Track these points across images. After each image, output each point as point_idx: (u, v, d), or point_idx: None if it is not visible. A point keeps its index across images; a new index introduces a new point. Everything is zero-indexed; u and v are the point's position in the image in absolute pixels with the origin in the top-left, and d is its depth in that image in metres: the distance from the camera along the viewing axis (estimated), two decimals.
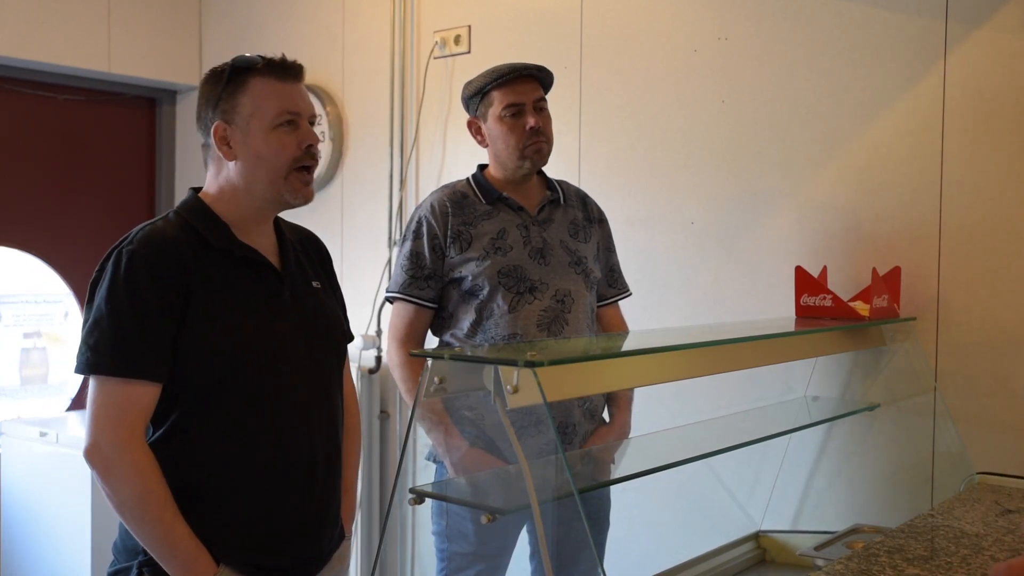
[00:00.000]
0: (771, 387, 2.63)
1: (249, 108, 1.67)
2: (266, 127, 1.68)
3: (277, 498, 1.67)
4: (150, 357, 1.57)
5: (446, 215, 2.27)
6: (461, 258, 2.25)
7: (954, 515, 1.96)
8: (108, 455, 1.55)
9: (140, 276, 1.57)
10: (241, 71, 1.68)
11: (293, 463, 1.69)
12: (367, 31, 3.60)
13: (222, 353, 1.62)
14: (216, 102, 1.69)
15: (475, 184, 2.34)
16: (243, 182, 1.69)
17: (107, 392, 1.56)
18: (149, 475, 1.56)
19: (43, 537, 3.52)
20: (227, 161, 1.69)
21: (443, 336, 2.33)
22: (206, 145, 1.73)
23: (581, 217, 2.41)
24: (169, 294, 1.58)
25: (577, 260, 2.33)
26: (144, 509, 1.55)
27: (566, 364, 1.60)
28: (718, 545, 2.28)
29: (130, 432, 1.55)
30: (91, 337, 1.57)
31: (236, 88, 1.68)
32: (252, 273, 1.69)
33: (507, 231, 2.28)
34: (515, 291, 2.24)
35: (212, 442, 1.63)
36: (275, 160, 1.68)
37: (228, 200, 1.71)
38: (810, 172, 2.62)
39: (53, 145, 3.96)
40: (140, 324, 1.56)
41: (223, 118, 1.68)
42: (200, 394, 1.61)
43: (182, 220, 1.68)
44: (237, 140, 1.68)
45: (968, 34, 2.35)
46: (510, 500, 1.73)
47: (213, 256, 1.65)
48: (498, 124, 2.28)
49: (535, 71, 2.30)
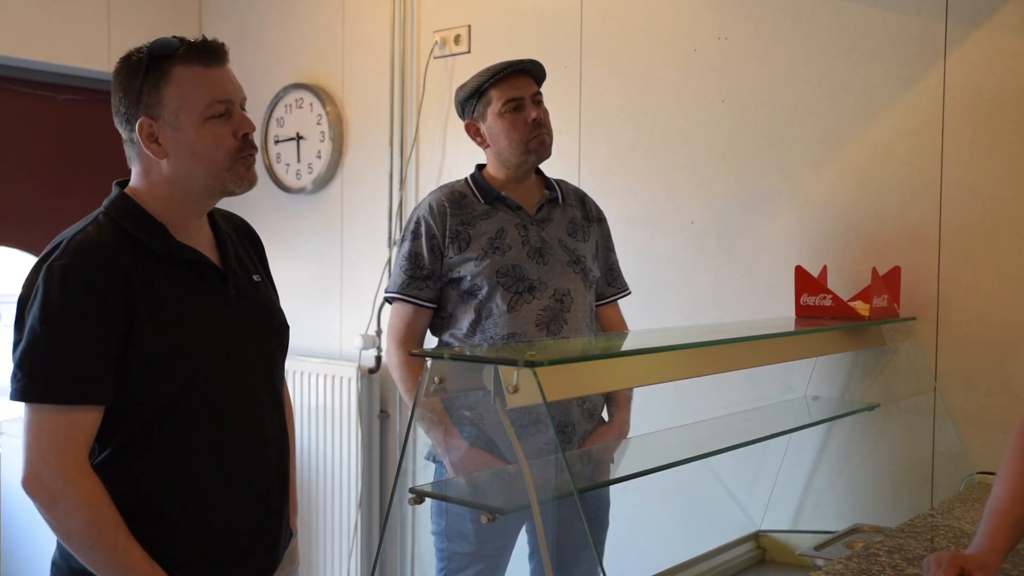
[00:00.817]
0: (771, 387, 2.63)
1: (176, 101, 1.53)
2: (197, 120, 1.54)
3: (232, 509, 1.60)
4: (93, 379, 1.45)
5: (444, 215, 2.27)
6: (460, 258, 2.25)
7: (954, 515, 1.96)
8: (51, 486, 1.45)
9: (77, 291, 1.45)
10: (160, 59, 1.53)
11: (247, 471, 1.62)
12: (367, 31, 3.60)
13: (171, 365, 1.51)
14: (137, 96, 1.54)
15: (473, 184, 2.34)
16: (179, 179, 1.57)
17: (46, 420, 1.44)
18: (97, 503, 1.45)
19: (43, 537, 3.51)
20: (158, 159, 1.56)
21: (442, 336, 2.33)
22: (129, 141, 1.60)
23: (580, 216, 2.41)
24: (110, 308, 1.46)
25: (576, 259, 2.33)
26: (95, 538, 1.46)
27: (566, 364, 1.60)
28: (718, 545, 2.28)
29: (75, 459, 1.45)
30: (26, 361, 1.44)
31: (158, 79, 1.53)
32: (194, 275, 1.59)
33: (506, 231, 2.28)
34: (514, 291, 2.24)
35: (163, 459, 1.53)
36: (213, 155, 1.55)
37: (162, 198, 1.58)
38: (810, 172, 2.62)
39: (53, 145, 3.96)
40: (81, 344, 1.44)
41: (147, 113, 1.54)
42: (149, 410, 1.52)
43: (114, 223, 1.55)
44: (167, 136, 1.54)
45: (968, 34, 2.35)
46: (510, 500, 1.73)
47: (152, 261, 1.53)
48: (499, 121, 2.28)
49: (528, 65, 2.30)
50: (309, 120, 3.73)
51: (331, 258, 3.74)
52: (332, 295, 3.73)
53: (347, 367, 3.50)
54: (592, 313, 2.39)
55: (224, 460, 1.59)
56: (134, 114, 1.56)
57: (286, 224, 3.88)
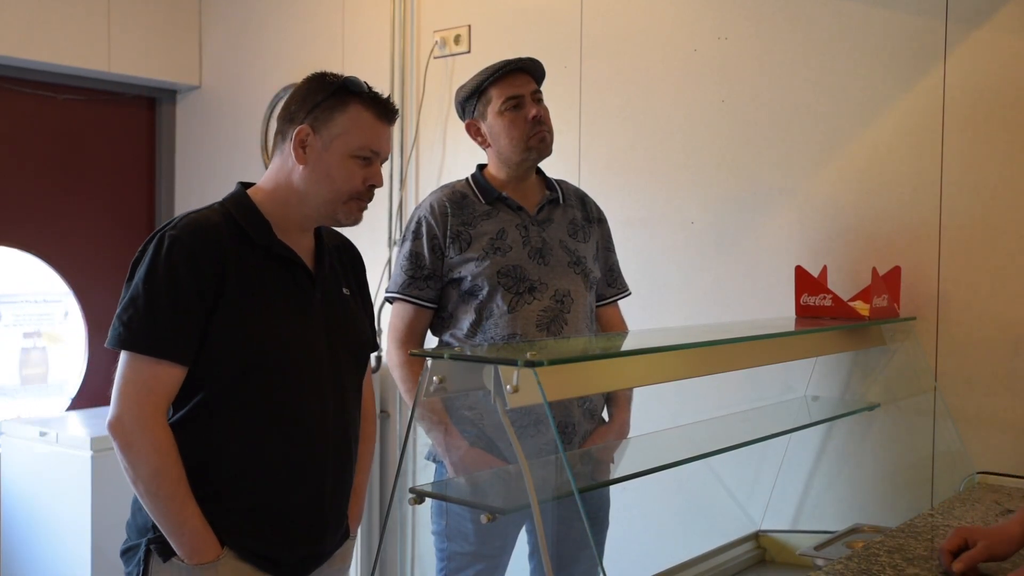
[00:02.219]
0: (771, 387, 2.63)
1: (340, 128, 1.72)
2: (346, 153, 1.72)
3: (284, 493, 1.70)
4: (180, 340, 1.61)
5: (445, 215, 2.27)
6: (460, 258, 2.25)
7: (954, 515, 1.96)
8: (130, 430, 1.60)
9: (179, 260, 1.62)
10: (348, 91, 1.73)
11: (302, 462, 1.72)
12: (367, 31, 3.60)
13: (245, 345, 1.65)
14: (312, 106, 1.72)
15: (474, 184, 2.34)
16: (303, 189, 1.74)
17: (136, 369, 1.61)
18: (166, 453, 1.60)
19: (43, 537, 3.52)
20: (296, 163, 1.73)
21: (443, 336, 2.33)
22: (281, 136, 1.76)
23: (580, 217, 2.41)
24: (204, 281, 1.62)
25: (576, 260, 2.33)
26: (158, 486, 1.60)
27: (566, 364, 1.60)
28: (718, 545, 2.28)
29: (153, 410, 1.60)
30: (126, 313, 1.61)
31: (337, 103, 1.72)
32: (286, 271, 1.74)
33: (506, 231, 2.28)
34: (514, 291, 2.24)
35: (226, 429, 1.67)
36: (340, 185, 1.73)
37: (280, 199, 1.75)
38: (810, 172, 2.62)
39: (53, 145, 3.97)
40: (174, 307, 1.61)
41: (311, 124, 1.72)
42: (220, 381, 1.66)
43: (226, 212, 1.72)
44: (314, 150, 1.72)
45: (968, 34, 2.35)
46: (510, 500, 1.73)
47: (251, 250, 1.70)
48: (499, 119, 2.28)
49: (527, 63, 2.30)
50: None
51: None
52: None
53: None
54: (592, 314, 2.39)
55: (278, 445, 1.69)
56: (300, 118, 1.74)
57: None
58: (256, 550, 1.68)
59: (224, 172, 4.03)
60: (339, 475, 1.79)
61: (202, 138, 4.21)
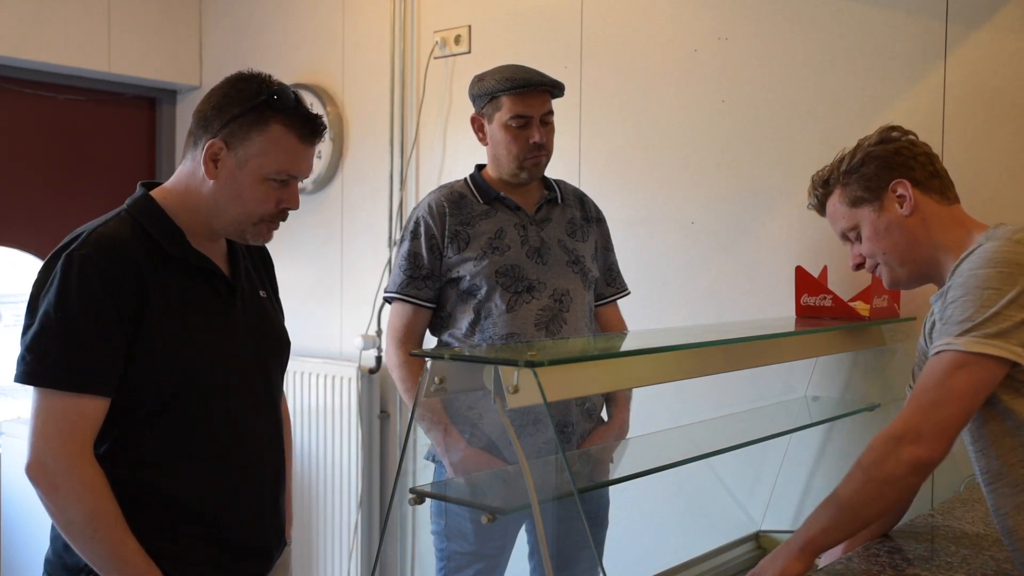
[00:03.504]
0: (771, 387, 2.63)
1: (256, 149, 1.59)
2: (260, 175, 1.60)
3: (226, 513, 1.62)
4: (103, 370, 1.48)
5: (443, 215, 2.27)
6: (459, 258, 2.25)
7: (954, 515, 1.96)
8: (54, 472, 1.47)
9: (94, 282, 1.48)
10: (269, 107, 1.60)
11: (242, 477, 1.64)
12: (367, 31, 3.60)
13: (174, 366, 1.54)
14: (228, 119, 1.59)
15: (473, 184, 2.35)
16: (212, 203, 1.61)
17: (55, 406, 1.47)
18: (99, 492, 1.47)
19: (43, 537, 3.51)
20: (207, 178, 1.60)
21: (441, 336, 2.33)
22: (193, 140, 1.63)
23: (579, 216, 2.41)
24: (124, 302, 1.49)
25: (575, 259, 2.33)
26: (95, 528, 1.47)
27: (566, 364, 1.60)
28: (718, 545, 2.28)
29: (79, 448, 1.47)
30: (37, 346, 1.47)
31: (255, 120, 1.58)
32: (204, 282, 1.63)
33: (505, 231, 2.28)
34: (513, 291, 2.24)
35: (160, 455, 1.56)
36: (251, 208, 1.61)
37: (189, 208, 1.63)
38: (810, 172, 2.60)
39: (53, 145, 3.96)
40: (93, 334, 1.47)
41: (225, 138, 1.58)
42: (148, 406, 1.54)
43: (135, 222, 1.58)
44: (226, 166, 1.59)
45: (968, 34, 2.35)
46: (510, 500, 1.73)
47: (166, 263, 1.57)
48: (502, 131, 2.27)
49: (550, 87, 2.29)
50: None
51: (331, 258, 3.74)
52: (332, 295, 3.73)
53: (347, 367, 3.50)
54: (591, 313, 2.39)
55: (217, 465, 1.61)
56: (214, 128, 1.59)
57: (286, 224, 3.85)
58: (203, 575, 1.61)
59: None
60: (275, 483, 1.73)
61: None
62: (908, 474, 1.49)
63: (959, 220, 1.68)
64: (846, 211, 1.73)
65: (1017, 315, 1.43)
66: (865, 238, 1.71)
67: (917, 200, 1.66)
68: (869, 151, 1.72)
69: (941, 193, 1.69)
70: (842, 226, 1.75)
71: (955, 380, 1.45)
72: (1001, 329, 1.42)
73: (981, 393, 1.47)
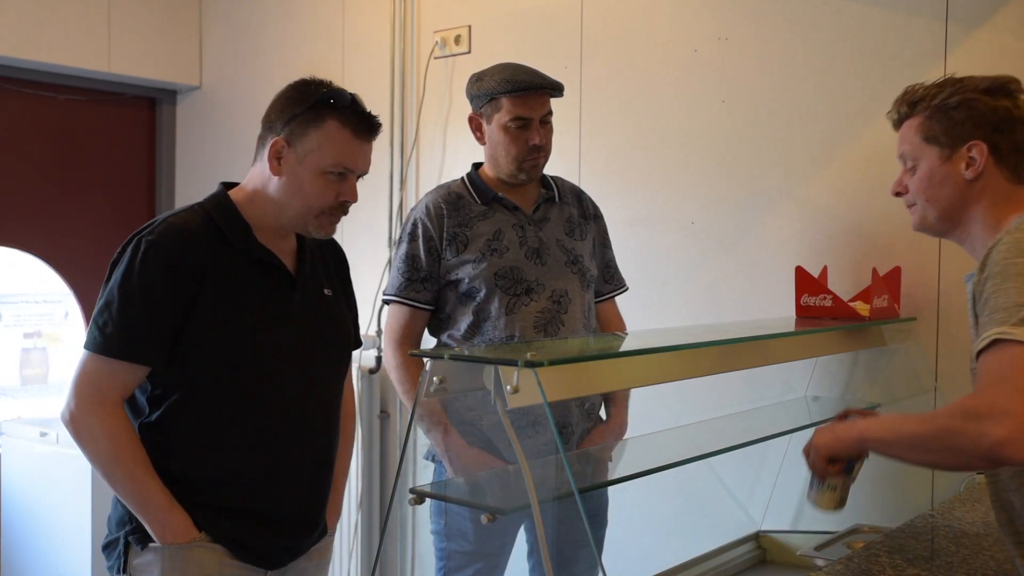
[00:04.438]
0: (771, 387, 2.63)
1: (314, 144, 1.71)
2: (318, 169, 1.72)
3: (260, 493, 1.73)
4: (148, 343, 1.64)
5: (441, 217, 2.27)
6: (458, 260, 2.24)
7: (954, 515, 1.96)
8: (78, 419, 1.64)
9: (154, 267, 1.63)
10: (325, 106, 1.72)
11: (281, 462, 1.75)
12: (367, 31, 3.60)
13: (221, 349, 1.68)
14: (290, 117, 1.72)
15: (470, 184, 2.34)
16: (277, 199, 1.74)
17: (94, 366, 1.65)
18: (118, 436, 1.64)
19: (43, 537, 3.52)
20: (271, 174, 1.73)
21: (441, 337, 2.33)
22: (261, 142, 1.76)
23: (577, 214, 2.40)
24: (181, 287, 1.64)
25: (574, 259, 2.32)
26: (114, 467, 1.64)
27: (566, 364, 1.60)
28: (718, 545, 2.28)
29: (103, 398, 1.64)
30: (101, 317, 1.65)
31: (312, 118, 1.71)
32: (265, 275, 1.74)
33: (503, 231, 2.27)
34: (512, 292, 2.23)
35: (201, 431, 1.70)
36: (311, 201, 1.73)
37: (259, 205, 1.76)
38: (810, 172, 2.62)
39: (53, 145, 3.96)
40: (145, 313, 1.63)
41: (287, 136, 1.72)
42: (195, 384, 1.68)
43: (206, 214, 1.73)
44: (288, 162, 1.72)
45: (968, 34, 2.35)
46: (510, 500, 1.73)
47: (230, 254, 1.70)
48: (501, 132, 2.26)
49: (549, 88, 2.28)
50: None
51: None
52: None
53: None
54: (590, 312, 2.39)
55: (254, 446, 1.72)
56: (277, 128, 1.73)
57: None
58: (235, 538, 1.71)
59: (224, 172, 4.01)
60: (319, 476, 1.82)
61: (202, 138, 4.21)
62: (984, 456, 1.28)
63: (1016, 201, 1.55)
64: (915, 141, 1.63)
65: None
66: (918, 176, 1.63)
67: (986, 169, 1.55)
68: (969, 98, 1.61)
69: (1014, 170, 1.56)
70: (904, 150, 1.66)
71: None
72: None
73: None
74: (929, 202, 1.62)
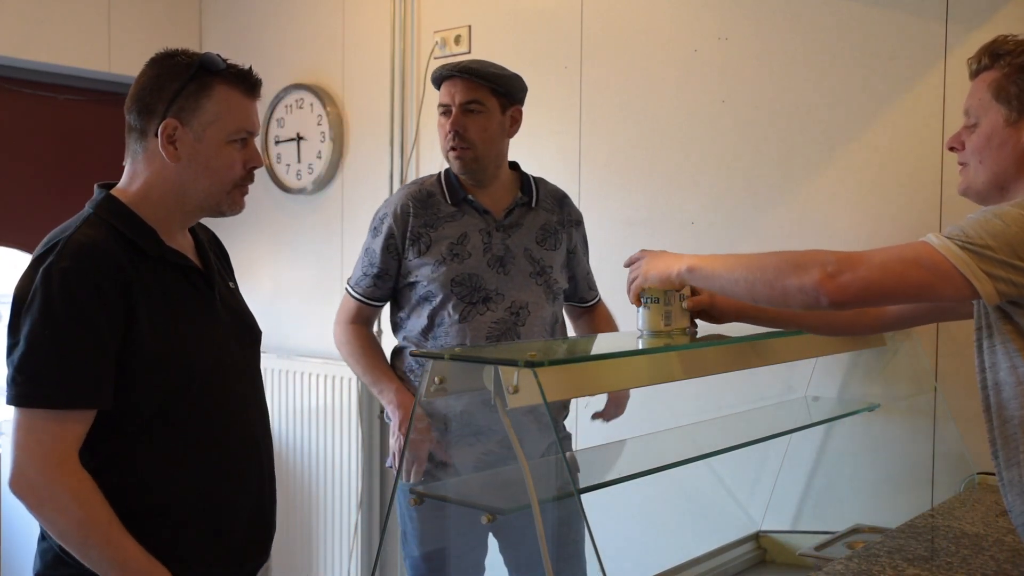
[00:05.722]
0: (771, 387, 2.63)
1: (211, 116, 1.57)
2: (222, 140, 1.59)
3: (232, 511, 1.63)
4: (95, 383, 1.45)
5: (407, 216, 2.23)
6: (418, 262, 2.21)
7: (954, 515, 1.96)
8: (38, 487, 1.44)
9: (81, 294, 1.45)
10: (207, 72, 1.58)
11: (244, 472, 1.65)
12: (367, 31, 3.60)
13: (170, 368, 1.53)
14: (173, 96, 1.57)
15: (444, 182, 2.29)
16: (180, 186, 1.60)
17: (39, 423, 1.43)
18: (86, 499, 1.44)
19: None
20: (167, 161, 1.58)
21: (398, 336, 2.32)
22: (139, 134, 1.62)
23: (554, 221, 2.34)
24: (113, 310, 1.47)
25: (540, 270, 2.27)
26: (87, 535, 1.45)
27: (566, 364, 1.60)
28: (718, 545, 2.28)
29: (61, 460, 1.43)
30: (28, 366, 1.43)
31: (200, 89, 1.57)
32: (184, 279, 1.61)
33: (468, 236, 2.23)
34: (468, 300, 2.19)
35: (161, 461, 1.55)
36: (223, 174, 1.60)
37: (155, 201, 1.60)
38: (810, 172, 2.62)
39: (53, 145, 3.96)
40: (84, 348, 1.45)
41: (177, 116, 1.57)
42: (146, 412, 1.52)
43: (107, 224, 1.55)
44: (186, 143, 1.57)
45: (968, 34, 2.35)
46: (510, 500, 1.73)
47: (145, 264, 1.55)
48: (438, 123, 2.28)
49: (456, 72, 2.21)
50: (309, 120, 3.73)
51: (331, 258, 3.74)
52: (332, 295, 3.73)
53: (347, 368, 3.49)
54: (556, 325, 2.34)
55: (220, 462, 1.61)
56: (160, 111, 1.58)
57: (286, 224, 3.88)
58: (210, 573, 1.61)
59: None
60: (271, 474, 1.74)
61: None
62: (802, 296, 1.42)
63: None
64: (985, 96, 1.53)
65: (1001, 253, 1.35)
66: (976, 134, 1.54)
67: None
68: None
69: None
70: (970, 104, 1.57)
71: (910, 269, 1.40)
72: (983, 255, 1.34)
73: (923, 295, 1.42)
74: (983, 164, 1.54)
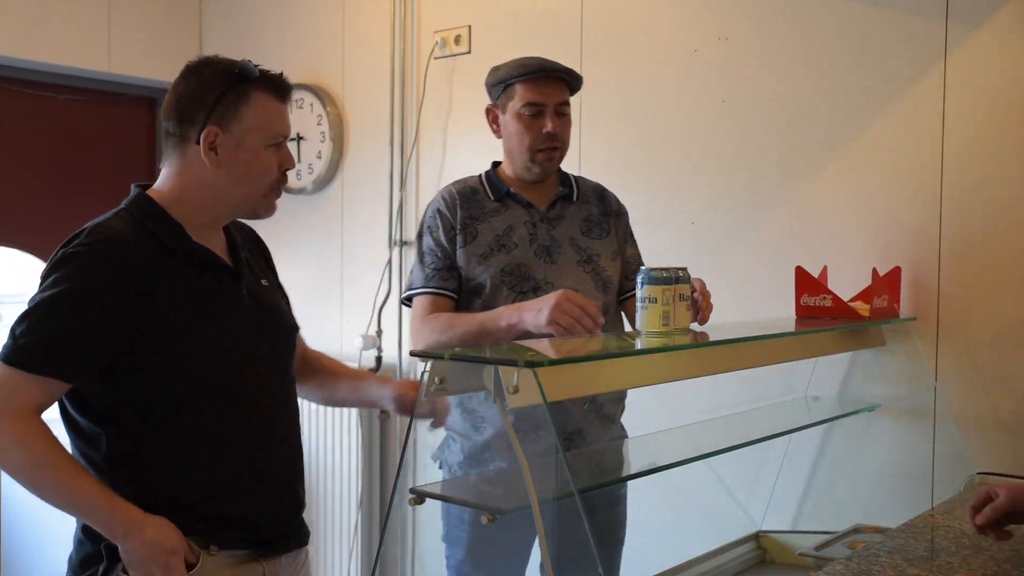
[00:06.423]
0: (771, 387, 2.63)
1: (250, 122, 1.64)
2: (261, 145, 1.65)
3: (254, 505, 1.67)
4: (74, 359, 1.51)
5: (456, 207, 2.22)
6: (465, 253, 2.22)
7: (954, 515, 1.96)
8: None
9: (87, 274, 1.52)
10: (245, 80, 1.65)
11: (265, 466, 1.69)
12: (367, 31, 3.60)
13: (187, 364, 1.58)
14: (214, 104, 1.63)
15: (486, 180, 2.29)
16: (219, 190, 1.66)
17: (10, 378, 1.49)
18: (31, 443, 1.49)
19: (43, 537, 3.52)
20: (208, 166, 1.64)
21: None
22: (178, 139, 1.66)
23: (597, 212, 2.34)
24: (124, 298, 1.52)
25: (587, 258, 2.28)
26: (35, 476, 1.52)
27: (566, 364, 1.60)
28: (718, 545, 2.28)
29: (14, 410, 1.48)
30: (18, 327, 1.51)
31: (239, 97, 1.64)
32: (210, 275, 1.66)
33: (514, 228, 2.23)
34: (518, 290, 2.19)
35: (183, 454, 1.60)
36: (261, 179, 1.67)
37: (190, 202, 1.66)
38: (810, 172, 2.62)
39: (53, 145, 3.96)
40: (71, 327, 1.50)
41: (218, 124, 1.63)
42: (165, 406, 1.58)
43: (135, 219, 1.62)
44: (227, 149, 1.63)
45: (968, 34, 2.35)
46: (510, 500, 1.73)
47: (169, 259, 1.60)
48: (515, 120, 2.21)
49: (563, 74, 2.22)
50: (309, 120, 3.73)
51: (331, 258, 3.74)
52: (332, 295, 3.73)
53: None
54: (610, 312, 2.31)
55: (240, 455, 1.65)
56: (201, 119, 1.63)
57: (286, 224, 3.87)
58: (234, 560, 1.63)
59: None
60: (296, 468, 1.78)
61: None
62: None
63: None
64: None
65: None
66: None
67: None
68: None
69: None
70: None
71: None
72: None
73: None
74: None
